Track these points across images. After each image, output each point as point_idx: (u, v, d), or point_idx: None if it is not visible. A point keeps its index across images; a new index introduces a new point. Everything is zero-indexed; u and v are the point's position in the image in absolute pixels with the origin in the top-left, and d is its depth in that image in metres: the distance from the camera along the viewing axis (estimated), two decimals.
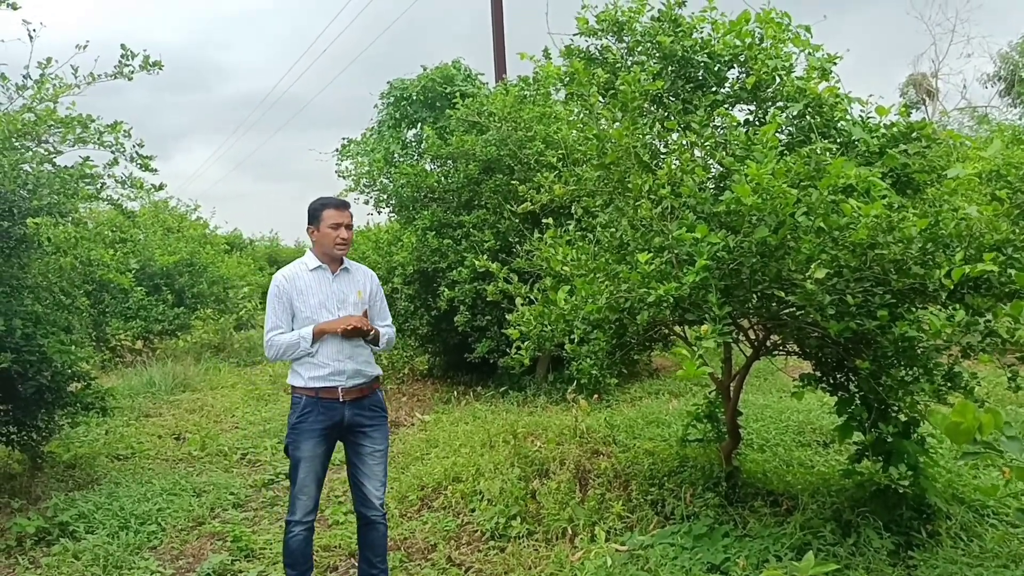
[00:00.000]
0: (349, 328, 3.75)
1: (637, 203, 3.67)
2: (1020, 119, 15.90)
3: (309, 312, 3.81)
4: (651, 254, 3.42)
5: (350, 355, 3.82)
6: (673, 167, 3.67)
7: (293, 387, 3.86)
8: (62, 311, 6.43)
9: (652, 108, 4.23)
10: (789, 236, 3.18)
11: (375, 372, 3.97)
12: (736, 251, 3.29)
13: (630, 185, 3.77)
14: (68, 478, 6.29)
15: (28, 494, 5.83)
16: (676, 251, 3.41)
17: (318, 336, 3.77)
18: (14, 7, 5.70)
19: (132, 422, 8.58)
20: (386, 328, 4.05)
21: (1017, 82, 23.27)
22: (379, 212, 10.63)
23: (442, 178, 9.42)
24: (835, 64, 4.17)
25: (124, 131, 6.00)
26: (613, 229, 4.04)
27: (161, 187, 6.75)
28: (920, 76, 26.33)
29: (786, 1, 4.19)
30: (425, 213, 9.32)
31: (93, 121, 5.86)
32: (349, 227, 3.87)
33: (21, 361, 5.63)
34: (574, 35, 4.53)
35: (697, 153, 3.94)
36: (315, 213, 3.86)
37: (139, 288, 12.36)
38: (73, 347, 6.11)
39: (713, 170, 3.99)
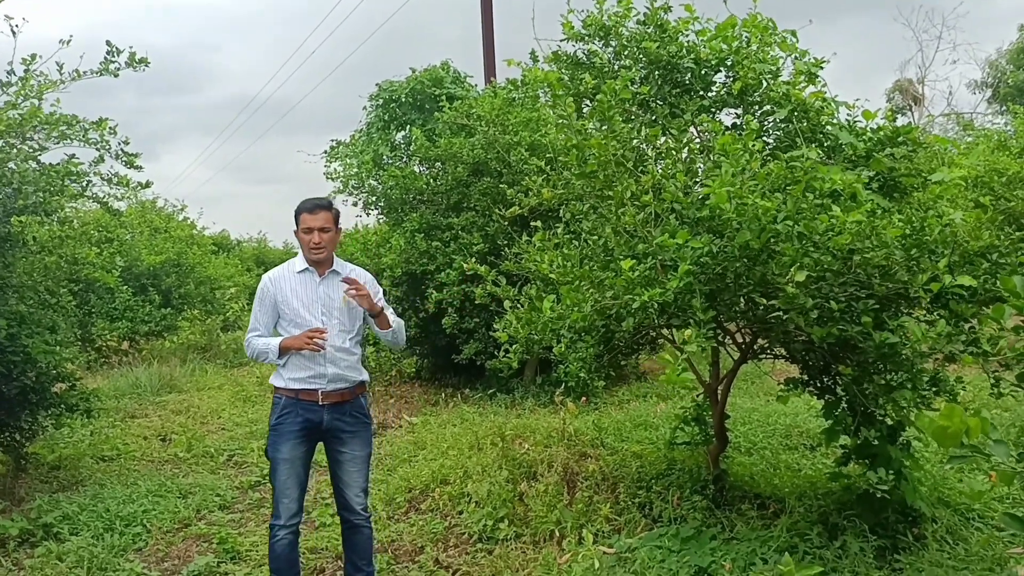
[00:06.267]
0: (309, 342, 3.64)
1: (620, 210, 3.67)
2: (1006, 126, 16.04)
3: (292, 315, 3.78)
4: (635, 260, 3.41)
5: (332, 359, 3.76)
6: (657, 172, 3.67)
7: (275, 387, 3.84)
8: (47, 311, 6.38)
9: (639, 112, 4.23)
10: (772, 240, 3.18)
11: (360, 377, 3.89)
12: (720, 256, 3.30)
13: (612, 192, 3.77)
14: (52, 479, 6.24)
15: (11, 495, 5.78)
16: (660, 257, 3.41)
17: (283, 351, 3.72)
18: None
19: (117, 423, 8.52)
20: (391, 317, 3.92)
21: (1003, 89, 23.51)
22: (368, 214, 10.60)
23: (431, 180, 9.40)
24: (821, 68, 4.17)
25: (109, 128, 5.95)
26: (596, 236, 4.03)
27: (148, 184, 6.71)
28: (906, 82, 26.60)
29: (772, 8, 4.19)
30: (414, 215, 9.31)
31: (79, 122, 5.82)
32: (324, 230, 3.74)
33: (5, 361, 5.58)
34: (561, 40, 4.52)
35: (686, 156, 3.95)
36: (295, 216, 3.83)
37: (125, 288, 12.27)
38: (58, 347, 6.06)
39: (701, 173, 4.00)
